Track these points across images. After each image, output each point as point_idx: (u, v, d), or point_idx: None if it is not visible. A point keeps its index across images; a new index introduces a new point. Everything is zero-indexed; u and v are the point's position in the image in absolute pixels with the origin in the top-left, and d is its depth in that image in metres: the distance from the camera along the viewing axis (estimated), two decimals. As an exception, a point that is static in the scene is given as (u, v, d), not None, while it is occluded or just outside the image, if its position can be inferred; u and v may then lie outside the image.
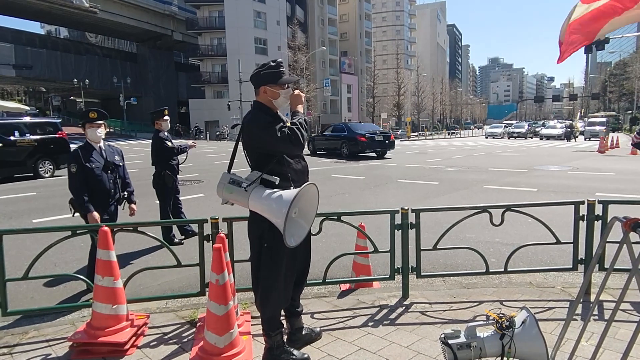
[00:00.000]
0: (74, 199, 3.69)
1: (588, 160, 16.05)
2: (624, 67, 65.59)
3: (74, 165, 3.65)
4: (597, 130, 33.66)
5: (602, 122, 36.58)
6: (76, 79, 44.72)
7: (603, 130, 32.80)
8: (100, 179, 3.74)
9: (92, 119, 3.74)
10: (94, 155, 3.75)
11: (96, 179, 3.71)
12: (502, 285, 3.88)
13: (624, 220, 1.90)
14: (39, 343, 2.95)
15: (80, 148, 3.75)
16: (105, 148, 3.88)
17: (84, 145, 3.78)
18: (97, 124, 3.77)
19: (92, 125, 3.76)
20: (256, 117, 2.45)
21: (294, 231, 2.32)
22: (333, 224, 3.63)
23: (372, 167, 14.80)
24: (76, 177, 3.65)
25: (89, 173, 3.68)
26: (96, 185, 3.72)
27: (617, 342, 2.70)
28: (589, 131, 35.01)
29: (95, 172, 3.70)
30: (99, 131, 3.77)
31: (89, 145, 3.78)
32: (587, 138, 34.14)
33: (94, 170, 3.70)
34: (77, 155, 3.68)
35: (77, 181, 3.65)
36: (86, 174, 3.67)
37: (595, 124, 36.48)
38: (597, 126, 35.20)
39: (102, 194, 3.76)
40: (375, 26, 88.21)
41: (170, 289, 4.02)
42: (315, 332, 2.89)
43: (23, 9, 43.42)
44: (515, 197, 8.21)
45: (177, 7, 54.92)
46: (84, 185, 3.66)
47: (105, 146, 3.89)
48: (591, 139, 32.71)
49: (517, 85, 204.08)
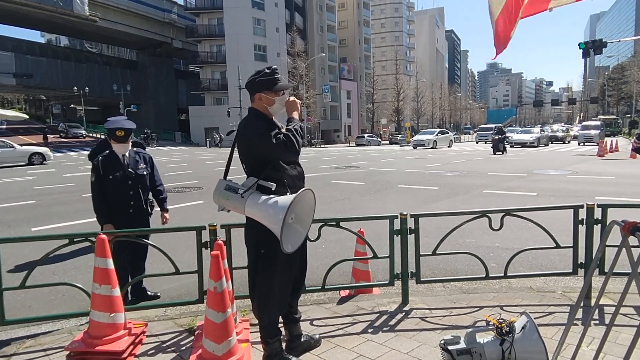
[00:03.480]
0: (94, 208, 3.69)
1: (587, 164, 16.05)
2: (622, 71, 65.86)
3: (93, 175, 3.65)
4: (591, 134, 32.07)
5: (596, 126, 34.39)
6: (76, 87, 44.95)
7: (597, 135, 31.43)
8: (118, 190, 3.66)
9: (119, 137, 3.68)
10: (116, 166, 3.68)
11: (114, 189, 3.64)
12: (502, 290, 3.86)
13: (623, 224, 1.90)
14: (36, 352, 2.92)
15: (102, 157, 3.69)
16: (130, 156, 3.79)
17: (107, 155, 3.72)
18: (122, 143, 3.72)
19: (118, 142, 3.71)
20: (251, 123, 2.45)
21: (290, 237, 2.31)
22: (332, 230, 3.62)
23: (371, 172, 14.80)
24: (94, 187, 3.64)
25: (108, 183, 3.63)
26: (115, 196, 3.66)
27: (618, 347, 2.68)
28: (583, 135, 32.83)
29: (113, 182, 3.63)
30: (124, 146, 3.73)
31: (112, 154, 3.72)
32: (582, 143, 32.24)
33: (112, 180, 3.63)
34: (97, 166, 3.65)
35: (95, 191, 3.64)
36: (105, 185, 3.63)
37: (590, 128, 34.14)
38: (591, 130, 33.17)
39: (122, 204, 3.69)
40: (374, 32, 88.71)
41: (168, 297, 4.00)
42: (314, 339, 2.86)
43: (23, 18, 43.72)
44: (515, 202, 8.20)
45: (177, 15, 55.31)
46: (102, 196, 3.63)
47: (131, 154, 3.81)
48: (585, 144, 31.18)
49: (516, 90, 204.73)
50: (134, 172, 3.73)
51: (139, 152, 3.92)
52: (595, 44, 21.27)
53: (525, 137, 31.49)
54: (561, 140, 36.60)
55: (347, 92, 65.47)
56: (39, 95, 59.91)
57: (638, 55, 55.79)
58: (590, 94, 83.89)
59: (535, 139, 30.73)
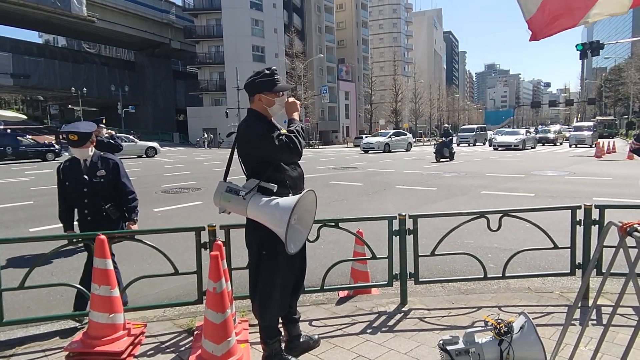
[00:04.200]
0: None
1: (585, 165, 16.11)
2: (619, 73, 66.14)
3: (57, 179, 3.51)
4: (584, 136, 30.77)
5: (589, 127, 32.97)
6: (74, 88, 44.80)
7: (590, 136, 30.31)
8: (74, 197, 3.46)
9: (73, 142, 3.40)
10: (74, 171, 3.45)
11: (72, 195, 3.46)
12: (501, 291, 3.87)
13: (620, 225, 1.91)
14: (35, 353, 2.92)
15: (65, 162, 3.52)
16: (92, 161, 3.49)
17: (71, 159, 3.52)
18: (78, 147, 3.43)
19: (73, 147, 3.45)
20: (252, 125, 2.44)
21: (293, 238, 2.32)
22: (331, 231, 3.63)
23: (370, 173, 14.81)
24: (58, 190, 3.50)
25: (67, 189, 3.46)
26: (74, 203, 3.50)
27: (615, 347, 2.69)
28: (575, 137, 31.26)
29: (70, 188, 3.45)
30: (81, 151, 3.45)
31: (74, 159, 3.49)
32: (573, 145, 30.77)
33: (69, 187, 3.45)
34: (57, 170, 3.51)
35: (58, 195, 3.50)
36: (65, 190, 3.47)
37: (583, 129, 32.55)
38: (584, 131, 31.68)
39: (80, 212, 3.49)
40: (372, 33, 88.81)
41: (167, 297, 4.00)
42: (314, 340, 2.87)
43: (21, 19, 43.60)
44: (513, 203, 8.22)
45: (175, 16, 55.27)
46: (63, 201, 3.49)
47: (94, 159, 3.52)
48: (578, 146, 29.94)
49: (514, 91, 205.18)
50: (88, 178, 3.44)
51: (105, 156, 3.59)
52: (593, 46, 21.37)
53: (510, 139, 29.55)
54: (552, 142, 35.06)
55: (345, 93, 65.52)
56: (36, 96, 59.69)
57: (635, 56, 56.03)
58: (587, 95, 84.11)
59: (520, 141, 28.79)
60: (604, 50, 22.71)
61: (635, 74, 53.56)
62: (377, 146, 28.79)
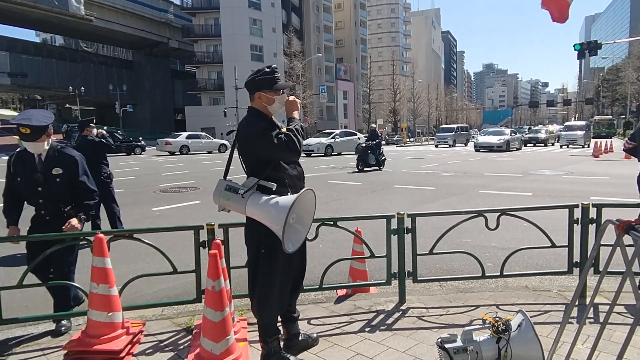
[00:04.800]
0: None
1: (583, 164, 16.15)
2: (616, 73, 66.36)
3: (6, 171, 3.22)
4: (576, 135, 29.06)
5: (582, 127, 30.82)
6: (72, 87, 44.66)
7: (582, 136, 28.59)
8: (26, 194, 3.19)
9: (24, 135, 3.02)
10: (27, 166, 3.12)
11: (24, 192, 3.18)
12: (499, 290, 3.89)
13: (617, 223, 1.92)
14: (33, 352, 2.92)
15: (16, 154, 3.18)
16: (49, 156, 3.16)
17: (22, 152, 3.17)
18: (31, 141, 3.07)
19: (24, 141, 3.08)
20: (252, 123, 2.45)
21: (291, 237, 2.32)
22: (330, 230, 3.63)
23: (368, 173, 14.82)
24: (5, 184, 3.22)
25: (18, 185, 3.16)
26: (25, 199, 3.22)
27: (612, 345, 2.71)
28: (566, 137, 29.48)
29: (21, 185, 3.14)
30: (35, 145, 3.09)
31: (28, 152, 3.14)
32: (564, 145, 28.98)
33: (21, 183, 3.14)
34: (9, 162, 3.19)
35: (5, 189, 3.24)
36: (15, 185, 3.17)
37: (575, 128, 30.54)
38: (577, 131, 29.81)
39: (36, 211, 3.22)
40: (370, 33, 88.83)
41: (166, 296, 4.00)
42: (312, 338, 2.88)
43: (19, 17, 43.45)
44: (511, 202, 8.24)
45: (173, 15, 55.17)
46: (8, 196, 3.22)
47: (51, 153, 3.17)
48: (569, 147, 28.47)
49: (512, 91, 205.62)
50: (42, 176, 3.11)
51: (64, 151, 3.24)
52: (590, 46, 21.41)
53: (492, 140, 27.27)
54: (543, 142, 33.25)
55: (343, 93, 65.53)
56: (34, 95, 59.53)
57: (632, 56, 56.19)
58: (585, 95, 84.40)
59: (504, 142, 26.66)
60: (602, 50, 22.77)
61: (633, 74, 53.71)
62: (317, 148, 24.74)
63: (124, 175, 14.81)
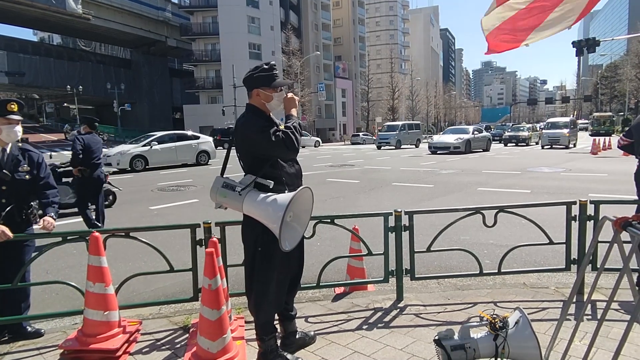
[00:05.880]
0: None
1: (581, 161, 16.17)
2: (615, 70, 66.45)
3: None
4: (559, 134, 24.70)
5: (566, 124, 26.23)
6: (69, 86, 44.57)
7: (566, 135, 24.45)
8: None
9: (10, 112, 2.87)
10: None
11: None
12: (496, 287, 3.88)
13: (614, 220, 1.91)
14: (29, 351, 2.91)
15: None
16: (12, 154, 2.99)
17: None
18: (16, 120, 2.93)
19: (10, 121, 2.91)
20: (250, 120, 2.43)
21: (288, 235, 2.31)
22: (327, 228, 3.62)
23: (366, 170, 14.82)
24: None
25: None
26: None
27: (609, 342, 2.70)
28: (548, 136, 25.06)
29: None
30: (17, 129, 2.94)
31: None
32: (546, 145, 24.80)
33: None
34: None
35: None
36: None
37: (559, 126, 26.06)
38: (561, 129, 25.37)
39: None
40: (369, 31, 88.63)
41: (163, 295, 3.99)
42: (309, 336, 2.87)
43: (16, 16, 43.27)
44: (509, 199, 8.24)
45: (171, 13, 54.97)
46: None
47: (14, 151, 3.01)
48: (553, 147, 24.26)
49: (511, 88, 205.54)
50: (10, 175, 2.95)
51: (26, 149, 3.10)
52: (589, 43, 21.44)
53: (448, 140, 22.56)
54: (524, 141, 29.55)
55: (342, 91, 65.41)
56: (31, 94, 59.39)
57: (631, 53, 56.27)
58: (583, 92, 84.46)
59: (462, 143, 21.85)
60: (600, 47, 22.76)
61: (631, 71, 53.78)
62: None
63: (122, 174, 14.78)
